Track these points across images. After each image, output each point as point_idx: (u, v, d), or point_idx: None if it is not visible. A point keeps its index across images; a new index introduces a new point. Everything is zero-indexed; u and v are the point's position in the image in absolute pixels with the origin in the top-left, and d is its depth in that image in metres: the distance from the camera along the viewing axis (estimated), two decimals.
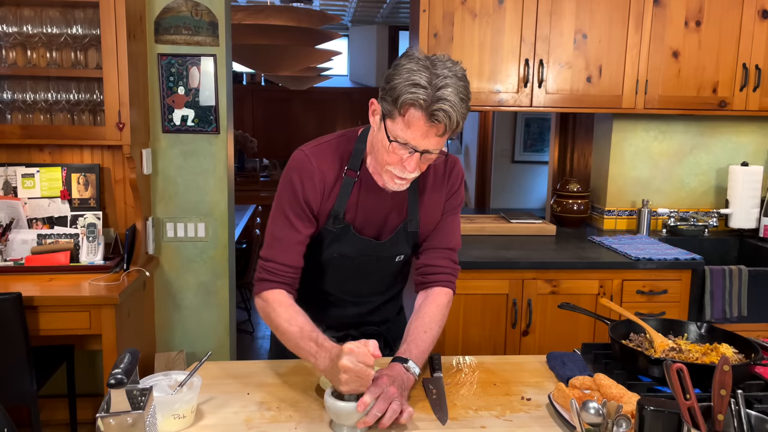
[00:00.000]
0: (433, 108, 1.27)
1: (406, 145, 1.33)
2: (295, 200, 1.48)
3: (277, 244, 1.49)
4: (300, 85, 7.13)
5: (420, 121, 1.29)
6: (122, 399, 0.99)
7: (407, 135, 1.31)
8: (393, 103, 1.30)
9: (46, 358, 2.60)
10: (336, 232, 1.51)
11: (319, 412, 1.32)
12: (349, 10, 7.43)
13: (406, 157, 1.35)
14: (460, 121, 1.31)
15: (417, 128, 1.30)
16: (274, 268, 1.48)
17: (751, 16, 2.86)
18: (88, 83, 2.78)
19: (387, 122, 1.34)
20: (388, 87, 1.32)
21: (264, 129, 8.30)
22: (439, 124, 1.29)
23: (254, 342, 4.55)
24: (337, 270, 1.58)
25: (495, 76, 2.84)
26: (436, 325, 1.51)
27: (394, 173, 1.39)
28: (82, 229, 2.77)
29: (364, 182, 1.50)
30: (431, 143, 1.33)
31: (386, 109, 1.34)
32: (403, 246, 1.58)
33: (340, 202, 1.49)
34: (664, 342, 1.51)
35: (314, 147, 1.51)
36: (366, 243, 1.53)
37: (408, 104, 1.28)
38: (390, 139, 1.34)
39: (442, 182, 1.59)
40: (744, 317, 2.65)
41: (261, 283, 1.49)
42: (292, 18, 4.93)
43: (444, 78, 1.28)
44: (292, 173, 1.49)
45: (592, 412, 1.12)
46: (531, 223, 3.16)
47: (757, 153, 3.30)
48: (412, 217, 1.55)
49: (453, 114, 1.28)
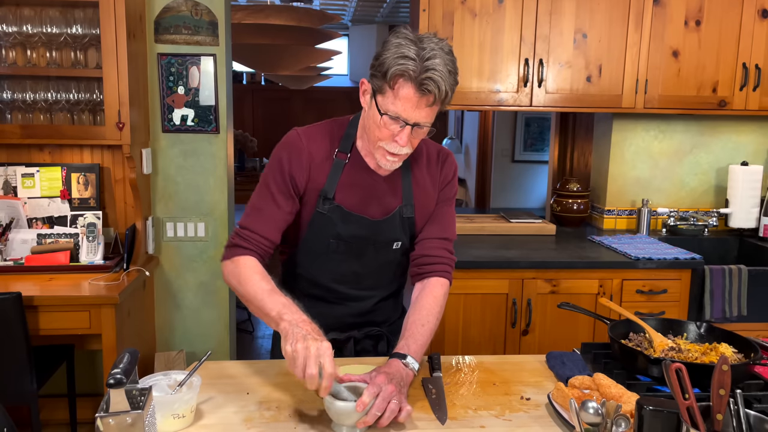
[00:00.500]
0: (423, 77, 1.30)
1: (397, 119, 1.36)
2: (280, 175, 1.50)
3: (257, 214, 1.50)
4: (300, 85, 7.13)
5: (410, 91, 1.33)
6: (121, 399, 0.99)
7: (398, 107, 1.35)
8: (383, 77, 1.34)
9: (46, 357, 2.60)
10: (327, 214, 1.51)
11: (318, 412, 1.32)
12: (349, 10, 7.43)
13: (398, 131, 1.38)
14: (449, 92, 1.35)
15: (407, 99, 1.33)
16: (250, 236, 1.48)
17: (751, 16, 2.86)
18: (88, 83, 2.78)
19: (378, 98, 1.38)
20: (377, 63, 1.36)
21: (264, 128, 8.30)
22: (429, 95, 1.32)
23: (254, 341, 4.55)
24: (334, 258, 1.57)
25: (495, 76, 2.84)
26: (434, 317, 1.51)
27: (387, 149, 1.42)
28: (82, 228, 2.77)
29: (355, 164, 1.52)
30: (422, 114, 1.36)
31: (376, 85, 1.37)
32: (400, 232, 1.58)
33: (330, 183, 1.51)
34: (663, 342, 1.51)
35: (307, 128, 1.56)
36: (359, 222, 1.53)
37: (397, 75, 1.32)
38: (381, 113, 1.37)
39: (436, 171, 1.60)
40: (744, 317, 2.65)
41: (234, 248, 1.48)
42: (292, 17, 4.93)
43: (431, 50, 1.32)
44: (282, 149, 1.52)
45: (591, 412, 1.12)
46: (531, 222, 3.16)
47: (757, 152, 3.30)
48: (407, 202, 1.56)
49: (442, 83, 1.31)
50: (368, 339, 1.69)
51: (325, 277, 1.60)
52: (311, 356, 1.19)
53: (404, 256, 1.65)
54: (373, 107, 1.40)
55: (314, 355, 1.19)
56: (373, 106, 1.39)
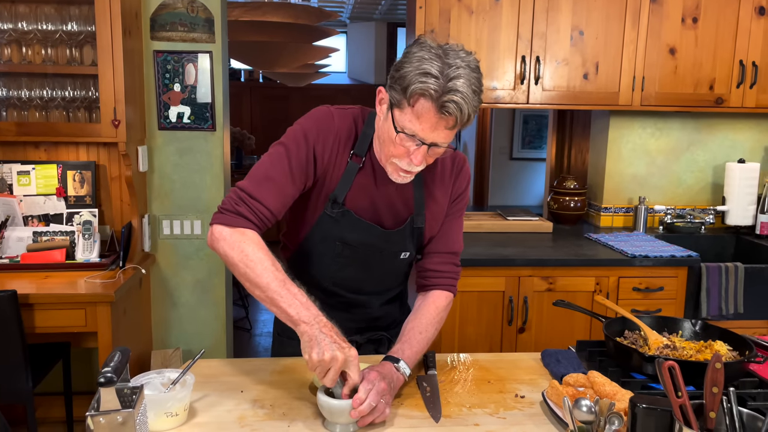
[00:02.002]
0: (444, 99, 1.21)
1: (413, 137, 1.28)
2: (305, 149, 1.39)
3: (269, 184, 1.37)
4: (298, 82, 7.13)
5: (430, 112, 1.24)
6: (112, 397, 0.99)
7: (415, 127, 1.26)
8: (402, 92, 1.25)
9: (42, 355, 2.60)
10: (335, 218, 1.45)
11: (312, 410, 1.31)
12: (347, 7, 7.41)
13: (413, 149, 1.30)
14: (472, 114, 1.25)
15: (426, 120, 1.25)
16: (258, 207, 1.35)
17: (748, 13, 2.86)
18: (84, 80, 2.77)
19: (395, 112, 1.29)
20: (397, 75, 1.26)
21: (262, 126, 8.29)
22: (450, 117, 1.23)
23: (251, 339, 4.55)
24: (337, 261, 1.52)
25: (492, 73, 2.83)
26: (433, 327, 1.49)
27: (400, 166, 1.34)
28: (78, 226, 2.76)
29: (369, 169, 1.45)
30: (440, 136, 1.28)
31: (395, 99, 1.28)
32: (409, 242, 1.53)
33: (341, 186, 1.43)
34: (658, 339, 1.51)
35: (339, 109, 1.45)
36: (369, 230, 1.47)
37: (418, 94, 1.23)
38: (397, 130, 1.29)
39: (450, 182, 1.54)
40: (740, 314, 2.65)
41: (236, 217, 1.34)
42: (289, 15, 4.92)
43: (457, 68, 1.22)
44: (310, 122, 1.42)
45: (585, 410, 1.11)
46: (528, 220, 3.16)
47: (754, 150, 3.29)
48: (418, 212, 1.51)
49: (465, 106, 1.22)
50: (371, 343, 1.67)
51: (326, 280, 1.56)
52: (337, 366, 1.19)
53: (410, 264, 1.63)
54: (389, 120, 1.31)
55: (340, 363, 1.19)
56: (389, 120, 1.30)
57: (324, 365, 1.19)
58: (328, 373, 1.20)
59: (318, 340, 1.20)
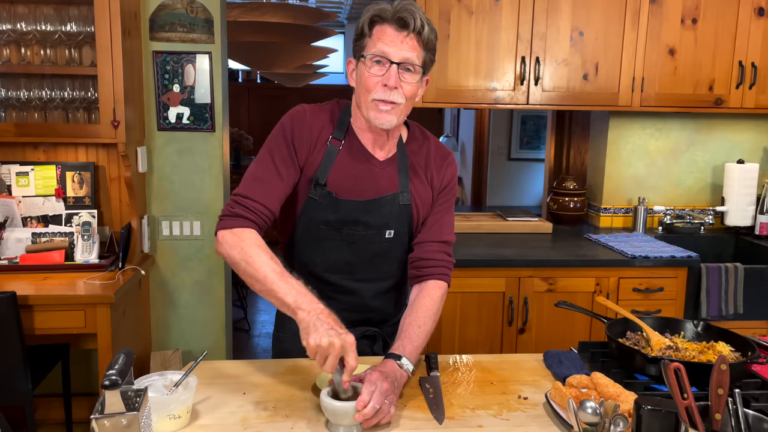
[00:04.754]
0: (398, 15, 1.39)
1: (381, 59, 1.41)
2: (284, 143, 1.50)
3: (258, 183, 1.46)
4: (296, 83, 7.12)
5: (388, 29, 1.41)
6: (117, 400, 0.99)
7: (378, 46, 1.41)
8: (361, 35, 1.44)
9: (41, 357, 2.59)
10: (318, 200, 1.51)
11: (315, 411, 1.31)
12: (345, 7, 7.41)
13: (384, 73, 1.41)
14: (425, 25, 1.41)
15: (387, 36, 1.41)
16: (252, 205, 1.43)
17: (747, 14, 2.86)
18: (83, 81, 2.76)
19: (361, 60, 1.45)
20: (356, 34, 1.46)
21: (260, 126, 8.29)
22: (406, 29, 1.40)
23: (251, 340, 4.54)
24: (325, 245, 1.55)
25: (491, 74, 2.83)
26: (430, 319, 1.50)
27: (378, 98, 1.43)
28: (77, 227, 2.75)
29: (349, 151, 1.53)
30: (404, 50, 1.41)
31: (359, 48, 1.45)
32: (392, 218, 1.55)
33: (322, 168, 1.50)
34: (660, 340, 1.51)
35: (312, 106, 1.58)
36: (348, 206, 1.52)
37: (374, 20, 1.42)
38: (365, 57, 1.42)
39: (435, 169, 1.60)
40: (740, 315, 2.66)
41: (233, 219, 1.41)
42: (287, 15, 4.92)
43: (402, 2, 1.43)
44: (286, 120, 1.53)
45: (590, 412, 1.11)
46: (527, 220, 3.16)
47: (753, 151, 3.30)
48: (403, 189, 1.55)
49: (417, 14, 1.39)
50: (365, 339, 1.68)
51: (318, 266, 1.58)
52: (335, 352, 1.20)
53: (401, 249, 1.62)
54: (359, 68, 1.45)
55: (338, 349, 1.20)
56: (359, 68, 1.45)
57: (322, 351, 1.21)
58: (327, 359, 1.21)
59: (316, 326, 1.23)
